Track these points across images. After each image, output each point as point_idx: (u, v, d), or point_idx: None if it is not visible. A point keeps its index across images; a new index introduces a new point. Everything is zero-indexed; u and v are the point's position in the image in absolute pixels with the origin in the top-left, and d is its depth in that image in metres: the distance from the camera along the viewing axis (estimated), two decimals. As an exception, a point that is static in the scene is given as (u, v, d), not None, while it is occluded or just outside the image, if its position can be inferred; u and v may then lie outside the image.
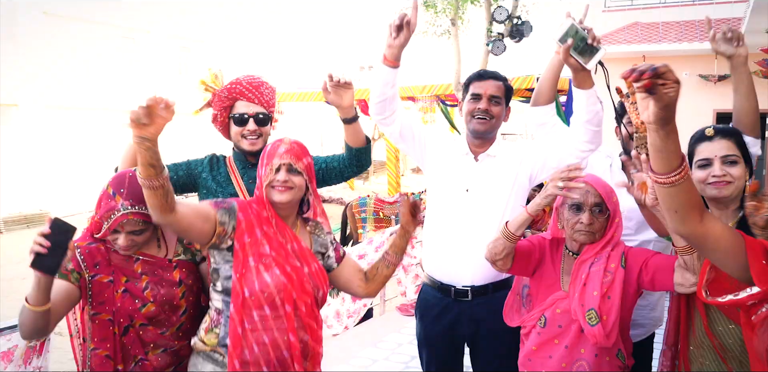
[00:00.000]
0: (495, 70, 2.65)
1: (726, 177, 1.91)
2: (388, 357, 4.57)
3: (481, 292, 2.47)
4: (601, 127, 2.32)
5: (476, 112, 2.47)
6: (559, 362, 2.07)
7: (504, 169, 2.49)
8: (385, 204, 10.56)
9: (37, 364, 2.53)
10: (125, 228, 1.90)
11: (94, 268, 1.93)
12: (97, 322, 1.93)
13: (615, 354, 2.06)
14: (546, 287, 2.16)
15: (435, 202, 2.59)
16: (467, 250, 2.45)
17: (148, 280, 1.97)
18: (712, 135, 1.95)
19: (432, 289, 2.57)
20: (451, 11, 11.65)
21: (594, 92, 2.23)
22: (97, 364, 1.93)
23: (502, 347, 2.48)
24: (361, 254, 5.42)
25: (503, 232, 2.08)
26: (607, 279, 2.03)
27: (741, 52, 2.30)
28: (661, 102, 1.34)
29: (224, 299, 1.89)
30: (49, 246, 1.66)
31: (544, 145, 2.53)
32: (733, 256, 1.49)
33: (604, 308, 1.99)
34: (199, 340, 1.93)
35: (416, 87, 10.99)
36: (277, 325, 1.86)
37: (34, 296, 1.71)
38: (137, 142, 1.63)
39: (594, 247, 2.09)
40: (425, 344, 2.64)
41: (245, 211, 1.91)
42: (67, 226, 1.70)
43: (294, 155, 1.94)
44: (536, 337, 2.13)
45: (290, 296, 1.87)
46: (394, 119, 2.49)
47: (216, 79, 2.47)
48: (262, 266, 1.86)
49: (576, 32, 2.05)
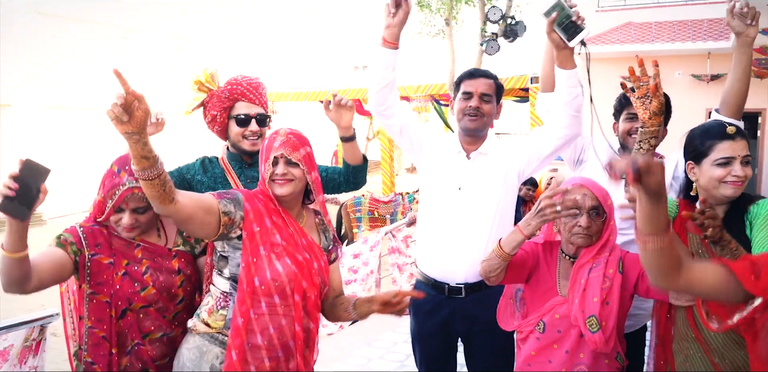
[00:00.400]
0: (486, 69, 2.68)
1: (744, 177, 1.94)
2: (383, 356, 4.58)
3: (474, 289, 2.50)
4: (580, 113, 2.33)
5: (468, 110, 2.50)
6: (559, 367, 2.08)
7: (495, 166, 2.52)
8: (379, 203, 10.58)
9: (33, 363, 2.53)
10: (129, 204, 1.93)
11: (95, 247, 1.95)
12: (95, 301, 1.94)
13: (614, 357, 2.08)
14: (542, 292, 2.16)
15: (428, 201, 2.61)
16: (461, 247, 2.48)
17: (148, 265, 1.99)
18: (733, 133, 1.96)
19: (426, 286, 2.59)
20: (445, 11, 11.67)
21: (575, 74, 2.24)
22: (93, 343, 1.94)
23: (496, 343, 2.52)
24: (356, 253, 5.44)
25: (497, 252, 2.08)
26: (606, 285, 2.03)
27: (750, 32, 2.30)
28: (650, 189, 1.37)
29: (232, 284, 1.89)
30: (18, 188, 1.61)
31: (527, 140, 2.57)
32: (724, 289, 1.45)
33: (604, 314, 2.00)
34: (201, 322, 1.92)
35: (411, 87, 11.02)
36: (285, 314, 1.86)
37: (8, 241, 1.69)
38: (125, 137, 1.63)
39: (591, 251, 2.10)
40: (418, 340, 2.66)
41: (251, 201, 1.90)
42: (39, 167, 1.64)
43: (290, 147, 1.93)
44: (535, 342, 2.14)
45: (300, 286, 1.88)
46: (394, 112, 2.51)
47: (212, 80, 2.46)
48: (273, 255, 1.86)
49: (562, 8, 2.06)
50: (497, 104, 2.58)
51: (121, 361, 1.96)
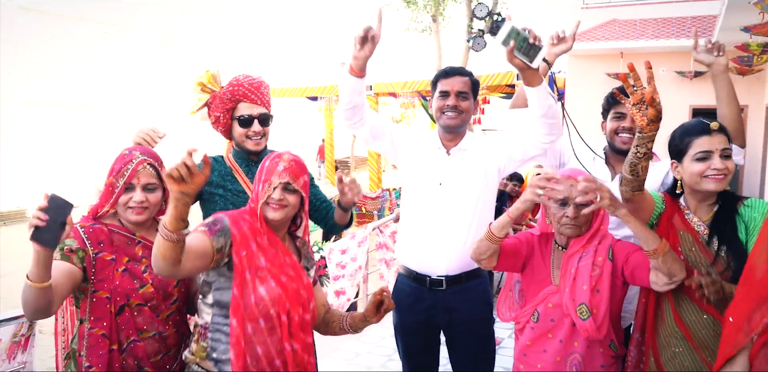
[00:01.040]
0: (461, 67, 2.72)
1: (725, 170, 1.96)
2: (371, 350, 4.61)
3: (455, 282, 2.56)
4: (557, 118, 2.36)
5: (446, 108, 2.55)
6: (554, 356, 2.11)
7: (475, 162, 2.57)
8: (367, 199, 10.61)
9: (22, 359, 2.52)
10: (141, 180, 1.99)
11: (98, 245, 1.97)
12: (95, 299, 1.95)
13: (608, 345, 2.11)
14: (537, 282, 2.20)
15: (410, 196, 2.67)
16: (442, 241, 2.53)
17: (148, 264, 1.99)
18: (715, 129, 1.98)
19: (407, 278, 2.65)
20: (432, 8, 11.69)
21: (544, 88, 2.27)
22: (92, 343, 1.95)
23: (478, 333, 2.60)
24: (343, 249, 5.45)
25: (486, 234, 2.12)
26: (596, 273, 2.06)
27: (720, 61, 2.35)
28: None
29: (214, 312, 1.89)
30: (47, 219, 1.66)
31: (509, 137, 2.60)
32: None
33: (594, 302, 2.03)
34: (189, 353, 1.94)
35: (397, 83, 11.01)
36: (271, 336, 1.87)
37: (35, 272, 1.71)
38: (177, 197, 1.60)
39: (580, 240, 2.13)
40: (401, 333, 2.71)
41: (237, 224, 1.89)
42: (64, 201, 1.71)
43: (292, 174, 1.93)
44: (530, 331, 2.17)
45: (284, 307, 1.88)
46: (363, 123, 2.55)
47: (214, 80, 2.48)
48: (258, 280, 1.86)
49: (517, 34, 2.10)
50: (474, 100, 2.62)
51: (119, 358, 1.97)
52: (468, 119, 2.61)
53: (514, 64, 2.17)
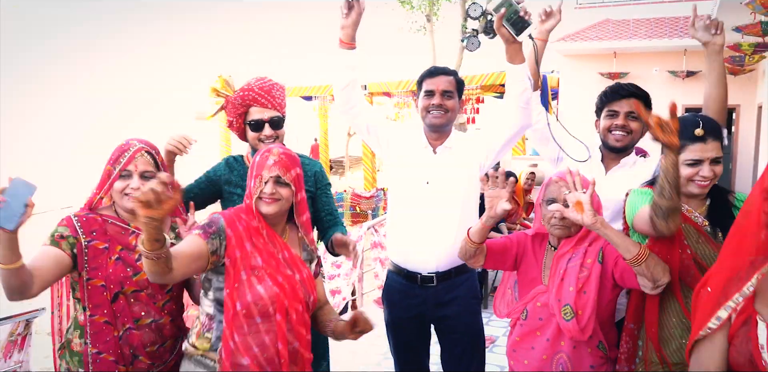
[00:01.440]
0: (445, 66, 2.76)
1: (711, 177, 1.99)
2: (366, 349, 4.62)
3: (445, 277, 2.61)
4: (529, 106, 2.45)
5: (431, 107, 2.59)
6: (541, 354, 2.13)
7: (460, 159, 2.62)
8: (361, 199, 10.62)
9: (18, 358, 2.53)
10: (138, 167, 2.02)
11: (90, 234, 1.99)
12: (90, 287, 1.97)
13: (596, 346, 2.11)
14: (529, 281, 2.22)
15: (397, 195, 2.71)
16: (430, 239, 2.57)
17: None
18: (704, 135, 1.99)
19: (397, 276, 2.69)
20: (426, 8, 11.71)
21: (523, 68, 2.36)
22: (96, 330, 1.96)
23: (468, 328, 2.65)
24: (338, 248, 5.46)
25: (465, 240, 2.17)
26: (583, 274, 2.07)
27: (717, 40, 2.36)
28: None
29: (216, 307, 1.91)
30: (6, 201, 1.67)
31: (482, 133, 2.68)
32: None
33: (580, 303, 2.04)
34: (190, 345, 1.95)
35: (392, 82, 11.02)
36: (268, 333, 1.88)
37: (1, 254, 1.72)
38: (146, 221, 1.57)
39: (570, 241, 2.15)
40: (392, 328, 2.75)
41: (233, 224, 1.91)
42: (26, 183, 1.72)
43: (282, 167, 1.94)
44: (519, 328, 2.21)
45: (282, 305, 1.89)
46: (360, 111, 2.60)
47: (227, 85, 2.51)
48: (254, 279, 1.88)
49: (510, 4, 2.16)
50: (459, 99, 2.68)
51: (117, 346, 1.98)
52: (453, 118, 2.66)
53: (501, 34, 2.25)
